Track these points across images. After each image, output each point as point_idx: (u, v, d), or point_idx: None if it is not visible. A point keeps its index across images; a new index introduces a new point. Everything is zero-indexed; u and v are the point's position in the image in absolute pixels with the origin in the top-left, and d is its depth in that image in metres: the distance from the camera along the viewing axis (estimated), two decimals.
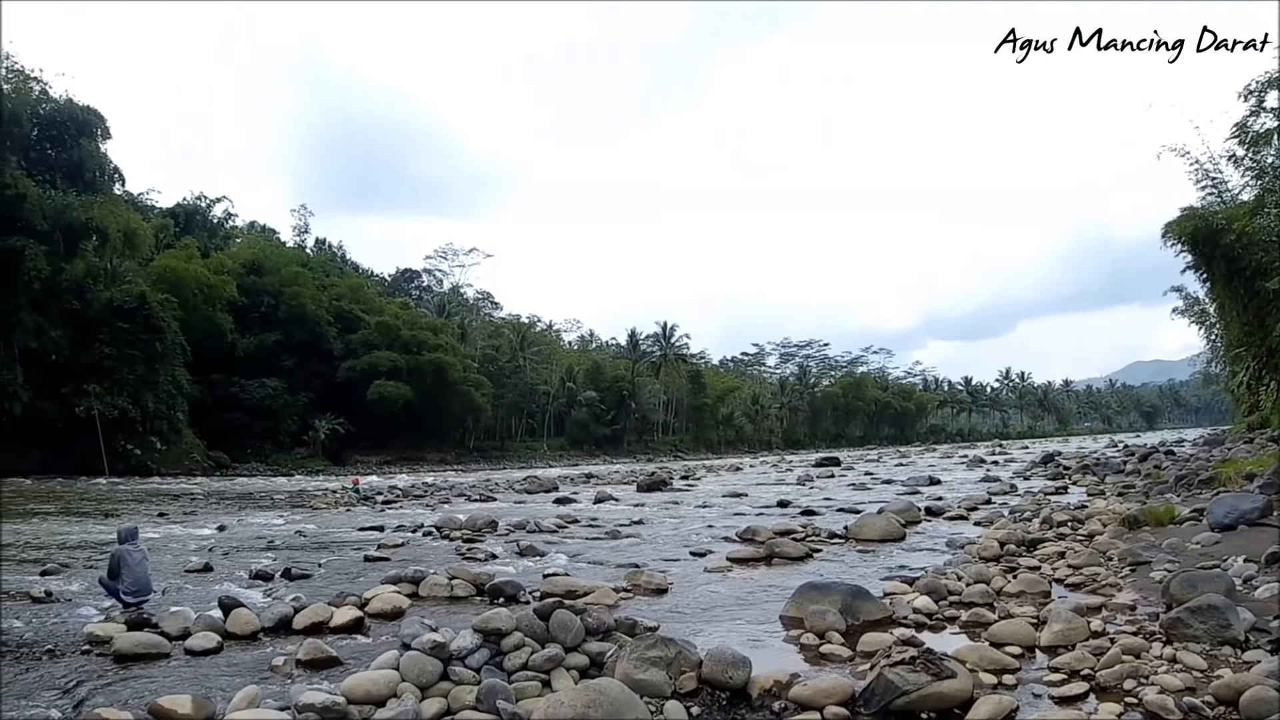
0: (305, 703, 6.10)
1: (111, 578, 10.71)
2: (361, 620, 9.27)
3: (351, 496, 33.80)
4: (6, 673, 7.83)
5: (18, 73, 59.87)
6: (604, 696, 5.82)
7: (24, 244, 53.28)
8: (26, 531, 21.12)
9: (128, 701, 6.82)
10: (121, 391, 60.55)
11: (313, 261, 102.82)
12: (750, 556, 13.63)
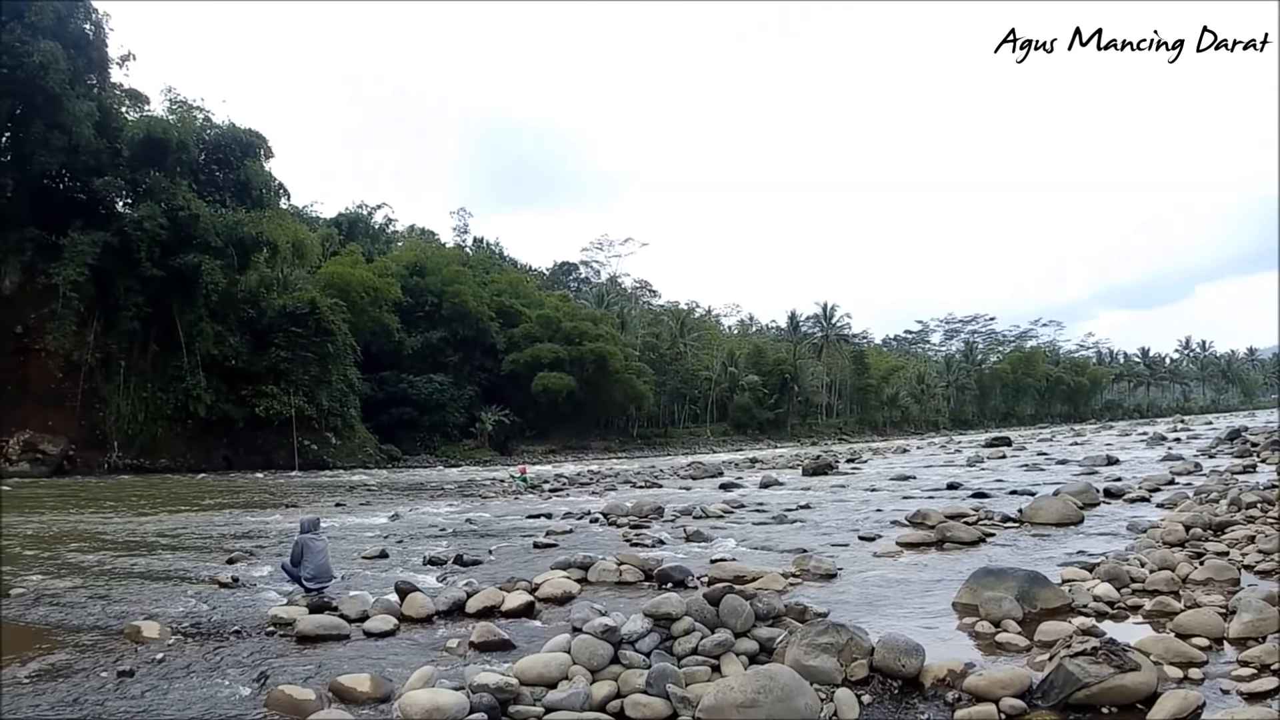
0: (479, 683, 6.21)
1: (294, 565, 11.18)
2: (532, 605, 9.37)
3: (519, 485, 33.90)
4: (198, 651, 8.22)
5: (181, 103, 62.07)
6: (774, 683, 5.79)
7: (201, 260, 55.21)
8: (214, 522, 21.62)
9: (309, 679, 7.15)
10: (297, 391, 62.41)
11: (472, 260, 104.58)
12: (920, 541, 13.13)
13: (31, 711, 6.56)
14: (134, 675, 7.39)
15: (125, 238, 53.10)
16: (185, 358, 56.97)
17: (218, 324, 59.58)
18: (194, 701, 6.74)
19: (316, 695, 6.58)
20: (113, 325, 53.97)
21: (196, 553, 15.52)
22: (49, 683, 7.29)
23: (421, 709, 5.93)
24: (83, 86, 54.51)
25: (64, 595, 11.14)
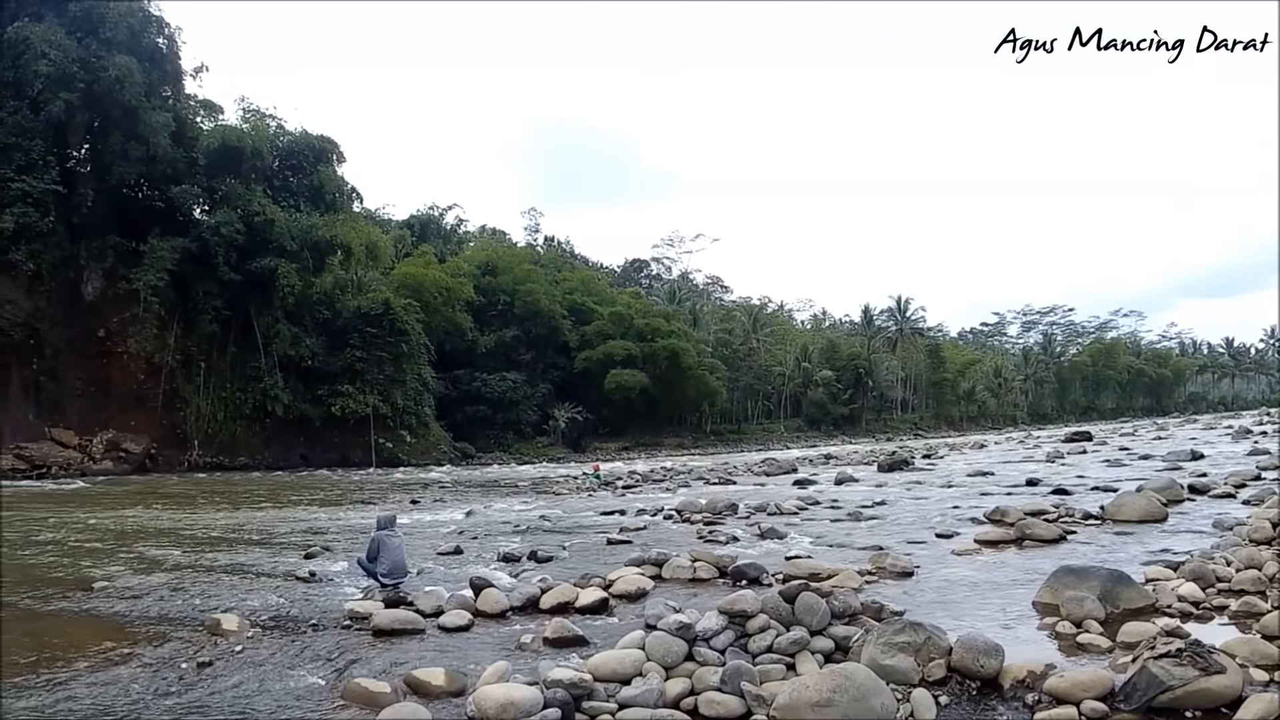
0: (553, 678, 6.18)
1: (370, 561, 11.15)
2: (606, 601, 9.37)
3: (592, 482, 33.96)
4: (276, 644, 8.39)
5: (254, 112, 63.54)
6: (849, 682, 5.68)
7: (276, 263, 56.36)
8: (291, 519, 22.01)
9: (385, 672, 7.25)
10: (372, 390, 63.41)
11: (544, 259, 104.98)
12: (999, 539, 12.82)
13: (113, 701, 6.72)
14: (213, 666, 7.60)
15: (203, 243, 54.22)
16: (263, 358, 58.25)
17: (294, 325, 60.88)
18: (271, 693, 6.91)
19: (391, 688, 6.68)
20: (192, 328, 55.26)
21: (274, 548, 15.90)
22: (131, 671, 7.50)
23: (495, 704, 5.95)
24: (158, 98, 55.79)
25: (145, 589, 11.43)
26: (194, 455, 54.54)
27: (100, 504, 27.28)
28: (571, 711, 5.98)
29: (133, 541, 16.96)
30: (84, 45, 51.01)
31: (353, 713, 6.44)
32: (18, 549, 16.14)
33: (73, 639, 8.69)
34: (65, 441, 49.76)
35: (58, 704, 6.68)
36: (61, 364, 51.86)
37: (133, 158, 52.63)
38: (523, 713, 5.86)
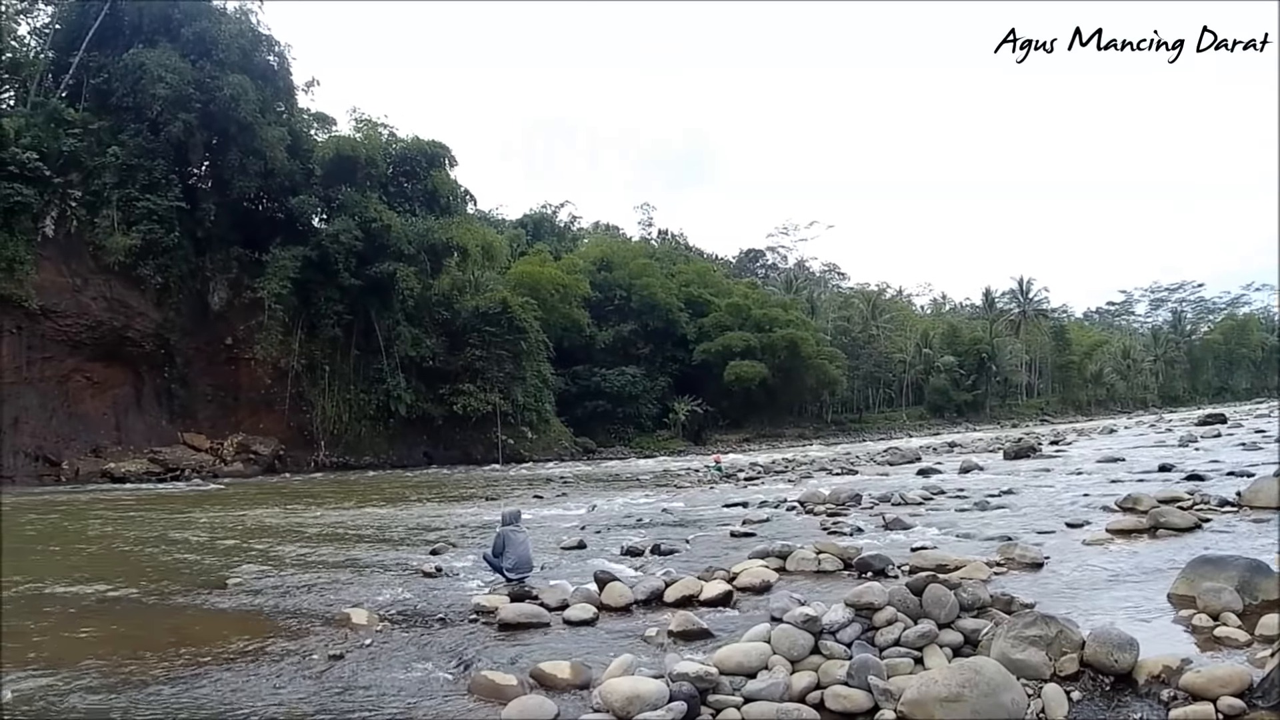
0: (679, 671, 6.04)
1: (496, 556, 11.22)
2: (730, 594, 9.12)
3: (714, 474, 33.41)
4: (404, 637, 8.51)
5: (366, 121, 63.88)
6: (979, 676, 5.46)
7: (395, 267, 56.58)
8: (416, 516, 22.13)
9: (511, 666, 7.23)
10: (493, 388, 62.98)
11: (658, 252, 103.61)
12: (1132, 528, 11.91)
13: (248, 693, 6.84)
14: (343, 659, 7.69)
15: (323, 251, 54.67)
16: (385, 360, 58.44)
17: (414, 327, 60.86)
18: (400, 684, 6.96)
19: (518, 681, 6.64)
20: (316, 332, 55.75)
21: (400, 544, 16.10)
22: (264, 665, 7.63)
23: (622, 696, 5.84)
24: (272, 114, 56.21)
25: (277, 585, 11.70)
26: (320, 455, 55.13)
27: (231, 504, 27.71)
28: (697, 705, 5.84)
29: (264, 539, 17.37)
30: (198, 67, 51.66)
31: (480, 705, 6.44)
32: (155, 548, 16.58)
33: (208, 633, 8.95)
34: (197, 445, 50.52)
35: (195, 696, 6.83)
36: (192, 371, 53.05)
37: (251, 172, 53.13)
38: (648, 706, 5.75)
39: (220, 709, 6.52)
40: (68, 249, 47.26)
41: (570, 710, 6.12)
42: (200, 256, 53.04)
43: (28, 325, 45.14)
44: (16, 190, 44.24)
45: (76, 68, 52.27)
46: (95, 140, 49.24)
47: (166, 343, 51.12)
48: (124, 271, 48.46)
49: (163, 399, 51.94)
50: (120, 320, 48.70)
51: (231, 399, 54.32)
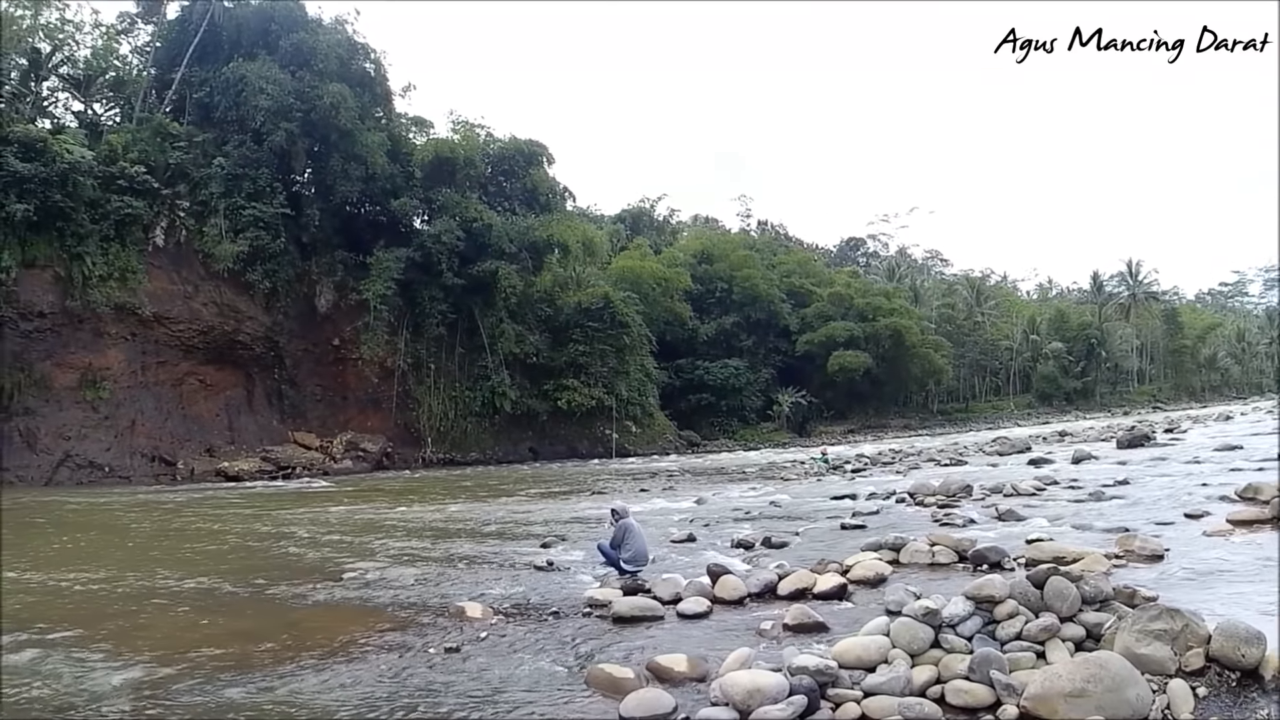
0: (798, 665, 5.90)
1: (614, 548, 11.17)
2: (844, 587, 8.88)
3: (821, 466, 32.82)
4: (519, 630, 8.45)
5: (463, 123, 63.38)
6: (1104, 671, 5.25)
7: (497, 266, 55.50)
8: (524, 510, 22.07)
9: (627, 658, 7.11)
10: (597, 383, 61.55)
11: (758, 243, 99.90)
12: (1254, 518, 11.39)
13: (368, 683, 6.85)
14: (460, 651, 7.68)
15: (426, 252, 53.68)
16: (489, 357, 57.27)
17: (518, 324, 59.59)
18: (517, 677, 6.92)
19: (635, 674, 6.57)
20: (421, 332, 54.80)
21: (510, 538, 16.15)
22: (382, 656, 7.63)
23: (742, 689, 5.69)
24: (371, 120, 55.54)
25: (391, 578, 11.79)
26: (427, 452, 54.19)
27: (342, 500, 27.68)
28: (817, 698, 5.68)
29: (375, 534, 17.41)
30: (298, 77, 51.22)
31: (597, 698, 6.36)
32: (271, 543, 16.88)
33: (326, 625, 9.05)
34: (307, 444, 50.01)
35: (316, 686, 6.87)
36: (301, 372, 52.70)
37: (353, 177, 52.48)
38: (769, 699, 5.60)
39: (341, 699, 6.52)
40: (178, 257, 47.31)
41: (688, 703, 5.99)
42: (306, 261, 52.61)
43: (142, 332, 45.35)
44: (127, 203, 44.44)
45: (179, 83, 52.32)
46: (200, 152, 49.22)
47: (276, 345, 50.81)
48: (233, 277, 48.25)
49: (273, 399, 51.64)
50: (230, 324, 48.58)
51: (340, 398, 53.80)
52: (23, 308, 41.41)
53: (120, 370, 44.41)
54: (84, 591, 11.99)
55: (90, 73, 51.97)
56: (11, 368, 40.92)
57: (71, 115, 52.53)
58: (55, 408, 42.12)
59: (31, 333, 41.91)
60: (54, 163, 41.50)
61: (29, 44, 49.20)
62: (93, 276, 43.05)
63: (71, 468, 41.70)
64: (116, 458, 43.37)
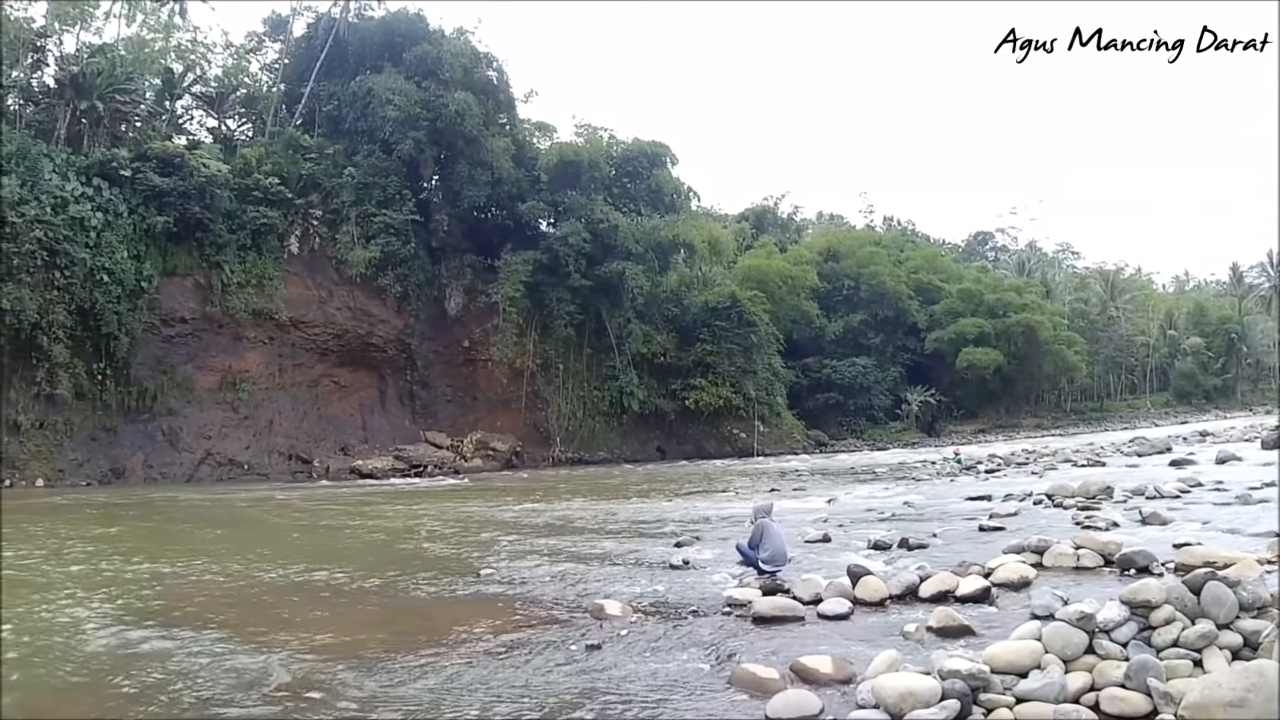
0: (950, 668, 5.45)
1: (752, 547, 10.46)
2: (988, 590, 8.05)
3: (953, 467, 31.05)
4: (659, 628, 8.07)
5: (586, 126, 60.80)
6: (1264, 680, 4.74)
7: (624, 266, 52.84)
8: (654, 509, 21.04)
9: (770, 659, 6.68)
10: (724, 382, 57.69)
11: (884, 239, 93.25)
12: None
13: (511, 679, 6.61)
14: (601, 649, 7.34)
15: (553, 254, 51.37)
16: (617, 357, 54.34)
17: (645, 324, 56.35)
18: (661, 675, 6.60)
19: (779, 674, 6.20)
20: (549, 333, 52.29)
21: (643, 537, 15.38)
22: (524, 653, 7.36)
23: (895, 693, 5.27)
24: (496, 126, 53.61)
25: (527, 575, 11.35)
26: (556, 451, 51.51)
27: (474, 498, 26.82)
28: (969, 703, 5.24)
29: (509, 531, 16.83)
30: (423, 88, 49.88)
31: (742, 697, 6.01)
32: (408, 539, 16.38)
33: (467, 620, 8.65)
34: (439, 443, 48.03)
35: (459, 681, 6.65)
36: (432, 373, 51.06)
37: (479, 182, 50.61)
38: (921, 703, 5.18)
39: (487, 694, 6.30)
40: (312, 264, 46.37)
41: (834, 705, 5.65)
42: (436, 265, 50.89)
43: (279, 335, 44.50)
44: (262, 213, 43.75)
45: (308, 97, 51.52)
46: (331, 163, 48.17)
47: (407, 347, 49.24)
48: (365, 282, 46.99)
49: (405, 400, 49.96)
50: (364, 328, 47.29)
51: (470, 398, 51.70)
52: (165, 314, 41.14)
53: (258, 372, 43.70)
54: (226, 584, 11.71)
55: (222, 90, 51.88)
56: (155, 371, 40.68)
57: (206, 131, 52.58)
58: (197, 408, 41.63)
59: (174, 337, 41.62)
60: (191, 176, 41.18)
61: (162, 65, 49.34)
62: (231, 283, 42.59)
63: (212, 465, 41.07)
64: (255, 456, 42.49)
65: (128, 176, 39.92)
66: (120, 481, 37.37)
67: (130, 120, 45.38)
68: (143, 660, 7.55)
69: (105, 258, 38.20)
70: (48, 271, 36.35)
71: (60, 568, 13.28)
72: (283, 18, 55.05)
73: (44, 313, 35.88)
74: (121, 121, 44.49)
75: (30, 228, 35.65)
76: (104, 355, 38.55)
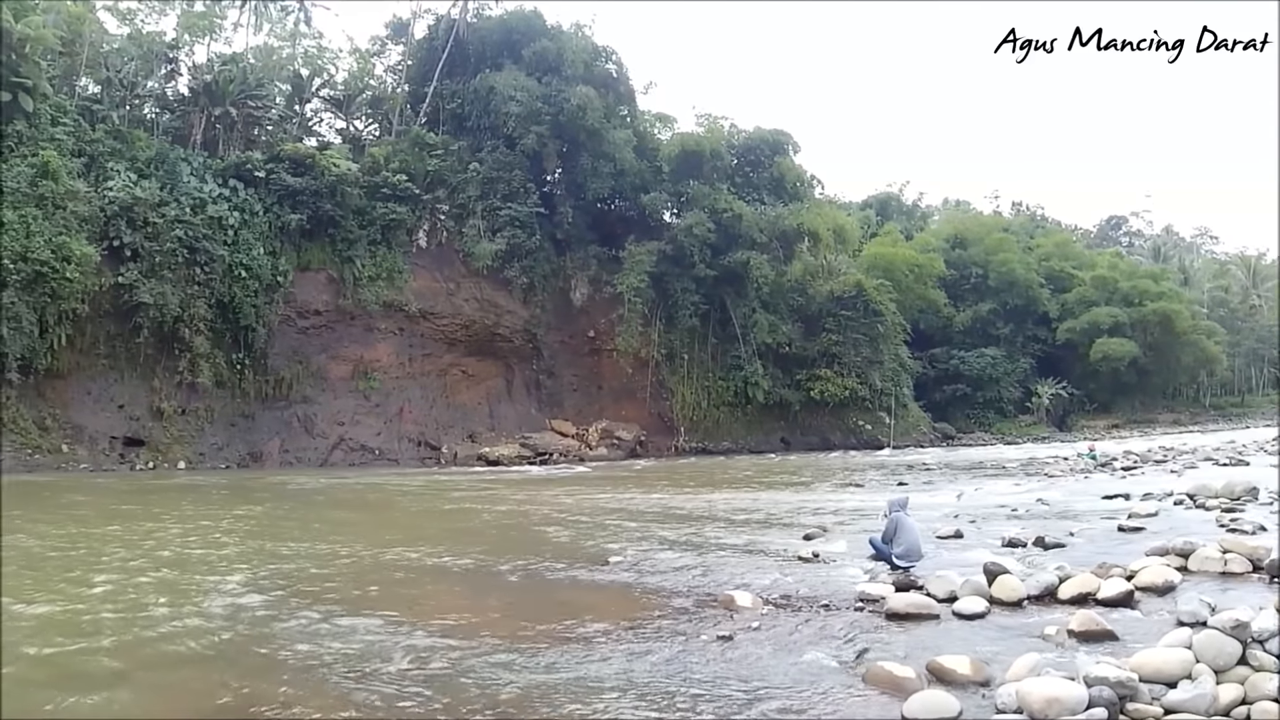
0: (1097, 675, 4.88)
1: (886, 541, 9.69)
2: (1130, 593, 7.22)
3: (1087, 462, 28.24)
4: (790, 621, 7.48)
5: (706, 116, 57.30)
6: None
7: (748, 256, 49.26)
8: (780, 500, 19.80)
9: (906, 658, 6.15)
10: (850, 373, 52.86)
11: (1013, 225, 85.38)
12: None
13: (644, 667, 6.27)
14: (733, 641, 6.88)
15: (677, 244, 48.21)
16: (742, 347, 50.44)
17: (770, 313, 52.01)
18: (793, 669, 6.16)
19: (915, 674, 5.66)
20: (674, 323, 49.04)
21: (770, 527, 14.44)
22: (655, 642, 6.98)
23: (1040, 699, 4.76)
24: (616, 118, 50.74)
25: (655, 564, 10.73)
26: (680, 441, 48.14)
27: (600, 486, 25.44)
28: (1115, 712, 4.75)
29: (635, 520, 15.99)
30: (544, 83, 47.78)
31: (877, 695, 5.57)
32: (536, 525, 15.68)
33: (596, 607, 8.31)
34: (564, 431, 45.33)
35: (592, 667, 6.37)
36: (558, 363, 48.56)
37: (602, 174, 47.86)
38: (1066, 710, 4.70)
39: (620, 682, 5.99)
40: (439, 257, 44.55)
41: (971, 708, 5.15)
42: (560, 256, 48.40)
43: (409, 327, 42.68)
44: (391, 209, 42.14)
45: (431, 96, 49.60)
46: (456, 159, 46.27)
47: (533, 337, 46.74)
48: (492, 274, 44.78)
49: (531, 389, 47.38)
50: (491, 319, 44.97)
51: (595, 388, 48.77)
52: (300, 307, 40.03)
53: (389, 362, 42.06)
54: (364, 564, 11.38)
55: (349, 93, 50.70)
56: (291, 361, 39.63)
57: (335, 132, 51.40)
58: (330, 396, 40.35)
59: (308, 329, 40.40)
60: (323, 176, 40.17)
61: (290, 70, 48.52)
62: (362, 277, 41.20)
63: (345, 450, 39.60)
64: (386, 442, 40.80)
65: (262, 177, 39.28)
66: (257, 465, 36.55)
67: (262, 124, 44.84)
68: (284, 634, 7.43)
69: (242, 254, 37.56)
70: (189, 268, 36.04)
71: (206, 547, 12.86)
72: (404, 21, 53.70)
73: (185, 306, 35.55)
74: (254, 125, 43.99)
75: (171, 227, 35.44)
76: (242, 346, 37.87)
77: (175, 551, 12.37)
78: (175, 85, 44.40)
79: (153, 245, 34.85)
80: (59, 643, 7.19)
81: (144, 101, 42.43)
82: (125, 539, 13.67)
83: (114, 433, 34.27)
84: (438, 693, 5.85)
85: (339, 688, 5.99)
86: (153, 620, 7.88)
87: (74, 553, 12.22)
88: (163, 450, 34.84)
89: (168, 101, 43.74)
